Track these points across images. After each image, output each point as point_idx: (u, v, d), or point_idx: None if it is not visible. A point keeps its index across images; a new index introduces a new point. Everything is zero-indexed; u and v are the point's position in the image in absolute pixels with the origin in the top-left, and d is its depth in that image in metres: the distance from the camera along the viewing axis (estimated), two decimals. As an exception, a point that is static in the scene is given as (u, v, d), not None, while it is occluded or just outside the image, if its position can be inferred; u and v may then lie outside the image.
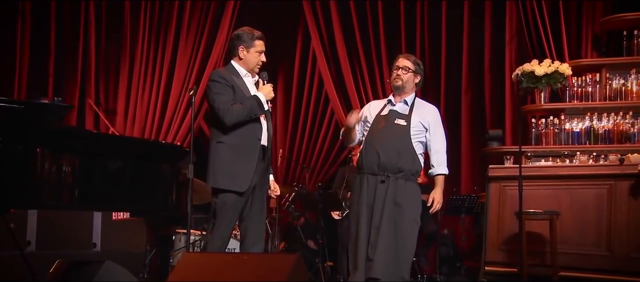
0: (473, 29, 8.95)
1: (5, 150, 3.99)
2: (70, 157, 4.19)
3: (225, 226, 4.63)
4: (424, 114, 4.95)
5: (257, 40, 4.80)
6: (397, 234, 4.72)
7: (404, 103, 4.94)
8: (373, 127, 4.91)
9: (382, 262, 4.62)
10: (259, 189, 4.78)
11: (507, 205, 6.31)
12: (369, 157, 4.83)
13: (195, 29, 9.17)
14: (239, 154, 4.63)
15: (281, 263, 3.37)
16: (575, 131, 7.40)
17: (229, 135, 4.65)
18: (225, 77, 4.72)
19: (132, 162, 4.63)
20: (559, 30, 8.20)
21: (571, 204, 6.16)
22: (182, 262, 3.52)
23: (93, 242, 6.96)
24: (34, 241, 6.46)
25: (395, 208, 4.73)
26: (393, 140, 4.80)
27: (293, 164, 9.22)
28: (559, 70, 7.36)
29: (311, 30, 9.22)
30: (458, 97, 8.97)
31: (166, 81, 9.10)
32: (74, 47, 9.20)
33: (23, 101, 5.53)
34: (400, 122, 4.84)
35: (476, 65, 8.92)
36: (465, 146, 8.83)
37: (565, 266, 5.99)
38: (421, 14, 9.09)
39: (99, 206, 4.83)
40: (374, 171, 4.81)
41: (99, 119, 9.10)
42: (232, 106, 4.60)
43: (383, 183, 4.76)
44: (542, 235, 6.11)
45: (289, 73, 9.56)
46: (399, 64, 4.94)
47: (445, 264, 8.42)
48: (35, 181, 4.03)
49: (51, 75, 9.18)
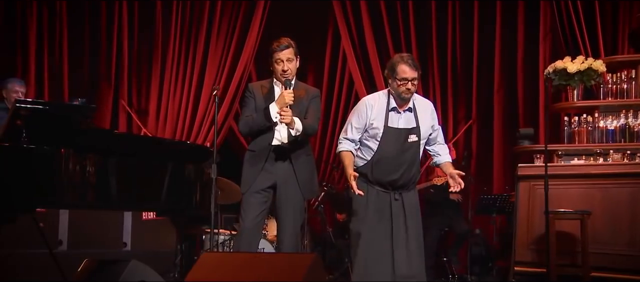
0: (506, 26, 8.85)
1: (30, 150, 4.05)
2: (94, 157, 4.24)
3: (246, 221, 4.91)
4: (428, 118, 4.96)
5: (273, 52, 5.01)
6: (419, 244, 4.83)
7: (409, 111, 4.91)
8: (385, 143, 4.83)
9: (422, 276, 4.77)
10: (283, 190, 4.94)
11: (537, 204, 6.22)
12: (383, 178, 4.84)
13: (226, 29, 9.19)
14: (252, 158, 5.01)
15: (298, 263, 3.36)
16: (609, 129, 7.23)
17: (251, 143, 5.11)
18: (250, 88, 5.13)
19: (155, 162, 4.67)
20: (594, 27, 8.06)
21: (604, 204, 6.07)
22: (200, 261, 3.53)
23: (124, 241, 7.02)
24: (65, 241, 6.53)
25: (413, 221, 4.84)
26: (409, 160, 4.85)
27: (323, 164, 9.19)
28: (593, 67, 7.22)
29: (341, 30, 9.17)
30: (490, 95, 8.89)
31: (197, 81, 9.14)
32: (108, 47, 9.30)
33: (48, 102, 5.62)
34: (413, 139, 4.86)
35: (509, 63, 8.82)
36: (498, 145, 8.75)
37: (597, 266, 5.89)
38: (453, 12, 9.01)
39: (122, 206, 4.88)
40: (386, 189, 4.85)
41: (132, 120, 9.19)
42: (246, 118, 5.04)
43: (397, 200, 4.84)
44: (573, 235, 6.02)
45: (319, 73, 9.54)
46: (407, 77, 4.75)
47: (477, 264, 8.36)
48: (61, 181, 4.09)
49: (86, 76, 9.30)
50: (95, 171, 4.20)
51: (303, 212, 5.12)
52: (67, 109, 4.28)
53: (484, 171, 8.87)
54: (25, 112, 4.04)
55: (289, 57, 4.96)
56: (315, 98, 5.14)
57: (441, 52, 9.02)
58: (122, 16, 9.30)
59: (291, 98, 4.85)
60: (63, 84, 9.17)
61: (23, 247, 5.60)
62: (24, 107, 4.07)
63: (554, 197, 5.89)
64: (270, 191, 4.97)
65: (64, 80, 9.19)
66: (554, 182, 6.02)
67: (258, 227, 4.98)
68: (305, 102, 5.05)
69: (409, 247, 4.75)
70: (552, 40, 8.53)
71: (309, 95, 5.10)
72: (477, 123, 9.00)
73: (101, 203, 4.36)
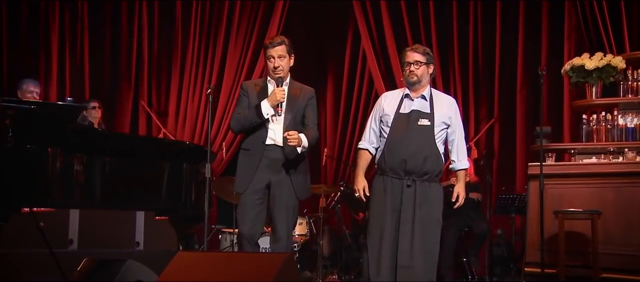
0: (529, 24, 8.70)
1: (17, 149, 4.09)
2: (82, 156, 4.27)
3: (243, 222, 4.86)
4: (444, 109, 4.86)
5: (266, 49, 4.97)
6: (427, 238, 4.71)
7: (423, 98, 4.84)
8: (395, 127, 4.81)
9: (421, 269, 4.63)
10: (277, 189, 4.90)
11: (547, 204, 6.08)
12: (394, 162, 4.76)
13: (245, 29, 9.21)
14: (247, 157, 4.93)
15: (270, 263, 3.33)
16: (629, 127, 7.04)
17: (243, 141, 5.03)
18: (244, 86, 5.08)
19: (149, 162, 4.70)
20: (619, 23, 7.87)
21: (616, 203, 5.93)
22: (175, 261, 3.52)
23: (136, 241, 7.04)
24: (76, 240, 6.52)
25: (422, 212, 4.70)
26: (418, 143, 4.74)
27: (342, 164, 9.15)
28: (612, 63, 7.05)
29: (361, 30, 9.11)
30: (513, 94, 8.75)
31: (216, 82, 9.17)
32: (129, 48, 9.40)
33: (35, 102, 5.69)
34: (424, 123, 4.76)
35: (532, 61, 8.66)
36: (520, 144, 8.61)
37: (609, 267, 5.76)
38: (474, 10, 8.89)
39: (113, 205, 4.89)
40: (399, 175, 4.75)
41: (152, 121, 9.27)
42: (237, 115, 4.97)
43: (409, 187, 4.72)
44: (585, 235, 5.89)
45: (339, 73, 9.49)
46: (409, 59, 4.82)
47: (499, 264, 8.23)
48: (47, 180, 4.13)
49: (107, 77, 9.41)
50: (83, 170, 4.24)
51: (296, 213, 5.02)
52: (53, 109, 4.30)
53: (506, 171, 8.74)
54: (13, 111, 4.08)
55: (280, 54, 4.89)
56: (311, 100, 5.06)
57: (462, 50, 8.91)
58: (142, 17, 9.40)
59: (283, 95, 4.82)
60: (84, 84, 9.30)
61: (23, 246, 5.65)
62: (11, 106, 4.11)
63: (566, 197, 5.80)
64: (266, 191, 4.94)
65: (85, 80, 9.32)
66: (566, 182, 5.93)
67: (256, 231, 4.92)
68: (300, 102, 4.99)
69: (414, 237, 4.64)
70: (577, 38, 8.35)
71: (304, 96, 5.03)
72: (499, 122, 8.87)
73: (89, 202, 4.39)
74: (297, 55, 5.06)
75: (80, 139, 4.39)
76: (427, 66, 4.85)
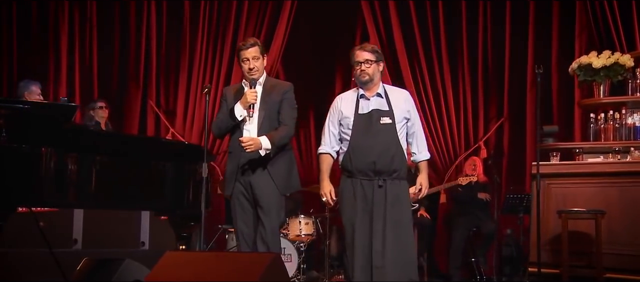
0: (539, 23, 8.65)
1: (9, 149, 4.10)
2: (77, 156, 4.28)
3: (235, 223, 5.02)
4: (402, 104, 4.89)
5: (239, 51, 5.02)
6: (401, 237, 4.69)
7: (379, 96, 4.86)
8: (357, 129, 4.81)
9: (391, 268, 4.62)
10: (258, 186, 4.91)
11: (551, 203, 6.05)
12: (362, 164, 4.76)
13: (253, 29, 9.18)
14: (230, 159, 5.03)
15: (256, 263, 3.34)
16: (637, 126, 6.98)
17: (228, 145, 5.11)
18: (224, 92, 5.21)
19: (143, 161, 4.71)
20: (630, 22, 7.81)
21: (621, 203, 5.88)
22: (162, 261, 3.53)
23: (141, 240, 7.04)
24: (80, 240, 6.52)
25: (394, 210, 4.71)
26: (384, 142, 4.76)
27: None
28: (619, 61, 7.00)
29: (370, 30, 9.06)
30: (522, 93, 8.69)
31: (224, 82, 9.15)
32: (137, 48, 9.43)
33: (28, 102, 5.72)
34: (386, 121, 4.80)
35: (542, 60, 8.56)
36: (530, 144, 8.54)
37: (613, 267, 5.72)
38: (484, 10, 8.84)
39: (109, 204, 4.90)
40: (369, 176, 4.76)
41: (160, 121, 9.29)
42: (216, 120, 5.11)
43: (381, 187, 4.73)
44: (589, 235, 5.85)
45: (347, 73, 9.44)
46: (359, 59, 4.83)
47: (508, 265, 8.19)
48: (41, 179, 4.14)
49: (115, 77, 9.45)
50: (78, 169, 4.25)
51: (282, 209, 4.98)
52: (47, 109, 4.32)
53: (515, 170, 8.69)
54: (6, 111, 4.10)
55: (254, 55, 4.94)
56: (286, 94, 5.03)
57: (472, 50, 8.86)
58: (151, 17, 9.41)
59: (253, 97, 4.87)
60: (93, 84, 9.35)
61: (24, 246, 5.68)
62: (4, 106, 4.14)
63: (570, 196, 5.76)
64: (251, 190, 4.94)
65: (93, 80, 9.36)
66: (570, 181, 5.88)
67: (250, 231, 4.96)
68: (274, 97, 4.99)
69: (385, 237, 4.64)
70: (587, 37, 8.27)
71: (278, 92, 5.02)
72: (509, 121, 8.82)
73: (84, 202, 4.40)
74: (305, 55, 5.08)
75: (75, 138, 4.40)
76: (377, 64, 4.86)
